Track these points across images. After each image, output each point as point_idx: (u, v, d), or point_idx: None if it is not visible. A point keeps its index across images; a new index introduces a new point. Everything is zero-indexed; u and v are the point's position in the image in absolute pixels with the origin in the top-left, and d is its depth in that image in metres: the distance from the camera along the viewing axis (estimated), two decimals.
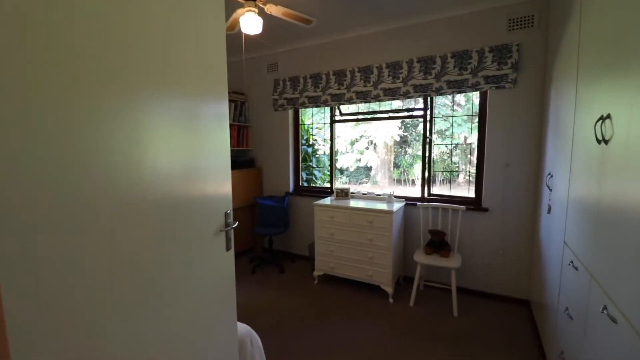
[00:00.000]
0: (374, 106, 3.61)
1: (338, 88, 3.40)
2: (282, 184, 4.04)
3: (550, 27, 2.41)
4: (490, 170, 2.82)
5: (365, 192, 3.44)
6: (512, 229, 2.76)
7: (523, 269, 2.74)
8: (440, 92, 2.89)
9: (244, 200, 3.91)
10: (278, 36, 3.45)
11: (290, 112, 3.91)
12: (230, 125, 4.03)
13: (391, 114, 3.52)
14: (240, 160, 3.98)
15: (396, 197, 3.21)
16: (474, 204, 2.93)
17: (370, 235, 2.86)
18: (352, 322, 2.52)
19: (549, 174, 2.14)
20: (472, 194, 3.00)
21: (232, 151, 4.23)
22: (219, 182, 1.20)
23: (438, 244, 2.79)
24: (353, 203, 3.12)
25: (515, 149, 2.69)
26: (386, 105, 3.53)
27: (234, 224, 1.23)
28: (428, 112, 3.12)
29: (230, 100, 3.99)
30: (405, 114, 3.47)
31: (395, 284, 2.93)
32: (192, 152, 1.08)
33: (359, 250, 2.95)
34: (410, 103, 3.48)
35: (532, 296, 2.60)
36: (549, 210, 2.10)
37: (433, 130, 3.16)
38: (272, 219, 3.71)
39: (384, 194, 3.24)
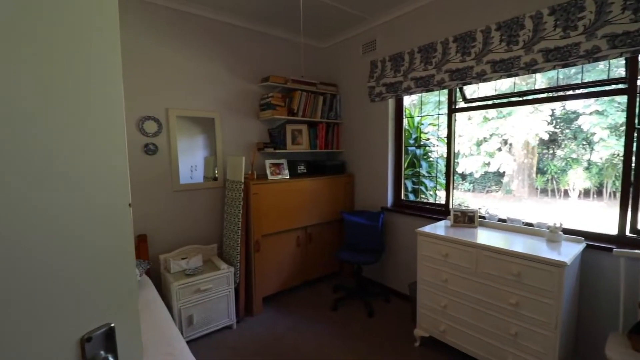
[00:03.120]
0: (519, 86, 2.33)
1: (462, 59, 2.29)
2: (378, 196, 3.14)
3: None
4: None
5: (505, 218, 2.20)
6: None
7: None
8: None
9: (330, 214, 3.19)
10: (374, 2, 2.58)
11: (391, 102, 2.97)
12: (318, 123, 3.38)
13: (553, 94, 2.19)
14: (329, 165, 3.28)
15: (566, 231, 1.89)
16: None
17: (514, 297, 1.69)
18: None
19: None
20: None
21: (320, 154, 3.58)
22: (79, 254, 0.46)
23: None
24: (482, 235, 1.98)
25: None
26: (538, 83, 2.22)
27: None
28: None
29: (318, 93, 3.34)
30: (588, 89, 2.04)
31: None
32: None
33: (492, 318, 1.80)
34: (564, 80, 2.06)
35: None
36: None
37: None
38: (362, 242, 2.87)
39: (539, 224, 1.96)
